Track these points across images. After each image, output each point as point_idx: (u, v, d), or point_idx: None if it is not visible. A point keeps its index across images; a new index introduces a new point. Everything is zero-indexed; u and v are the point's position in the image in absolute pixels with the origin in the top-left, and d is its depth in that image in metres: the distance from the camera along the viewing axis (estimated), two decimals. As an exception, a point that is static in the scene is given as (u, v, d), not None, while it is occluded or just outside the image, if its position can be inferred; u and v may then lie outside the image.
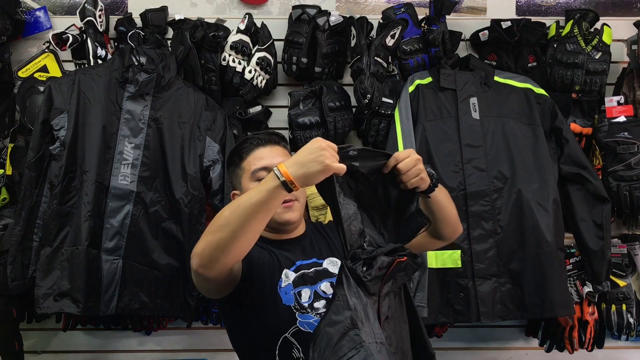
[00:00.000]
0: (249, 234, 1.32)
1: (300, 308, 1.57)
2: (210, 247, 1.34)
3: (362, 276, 1.28)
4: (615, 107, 2.48)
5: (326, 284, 1.61)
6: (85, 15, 2.41)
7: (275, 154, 1.67)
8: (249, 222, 1.30)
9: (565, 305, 2.27)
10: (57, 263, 2.19)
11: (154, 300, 2.26)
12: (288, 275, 1.61)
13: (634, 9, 2.75)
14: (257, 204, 1.30)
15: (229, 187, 2.31)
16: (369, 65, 2.34)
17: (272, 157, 1.65)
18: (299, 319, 1.56)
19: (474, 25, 2.63)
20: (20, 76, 2.47)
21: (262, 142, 1.69)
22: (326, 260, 1.66)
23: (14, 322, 2.36)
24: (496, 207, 2.28)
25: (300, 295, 1.59)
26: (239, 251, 1.36)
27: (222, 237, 1.32)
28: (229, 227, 1.31)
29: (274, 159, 1.63)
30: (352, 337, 1.25)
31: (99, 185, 2.22)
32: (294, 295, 1.57)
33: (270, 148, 1.69)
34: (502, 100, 2.39)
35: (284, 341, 1.55)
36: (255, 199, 1.30)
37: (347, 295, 1.28)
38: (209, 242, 1.34)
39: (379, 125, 2.45)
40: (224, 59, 2.42)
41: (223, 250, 1.33)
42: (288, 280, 1.60)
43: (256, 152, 1.68)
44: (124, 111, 2.29)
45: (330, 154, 1.28)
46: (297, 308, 1.57)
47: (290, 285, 1.59)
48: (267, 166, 1.62)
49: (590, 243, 2.35)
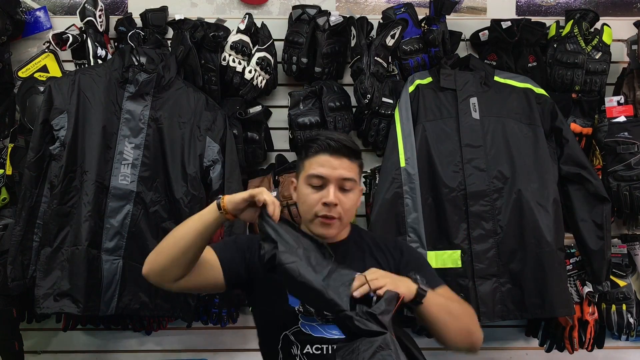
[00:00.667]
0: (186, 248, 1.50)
1: (305, 311, 1.58)
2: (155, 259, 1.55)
3: (372, 311, 1.26)
4: (615, 107, 2.48)
5: None
6: (85, 15, 2.41)
7: (339, 165, 1.61)
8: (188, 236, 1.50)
9: (565, 305, 2.27)
10: (57, 263, 2.19)
11: (154, 300, 2.26)
12: None
13: (634, 9, 2.75)
14: (195, 222, 1.50)
15: (229, 187, 2.32)
16: (369, 65, 2.34)
17: (334, 168, 1.60)
18: (301, 320, 1.58)
19: (474, 25, 2.63)
20: (20, 76, 2.47)
21: (329, 150, 1.61)
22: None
23: (14, 322, 2.36)
24: (496, 207, 2.28)
25: None
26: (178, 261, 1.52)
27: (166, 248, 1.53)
28: (171, 239, 1.53)
29: (335, 170, 1.59)
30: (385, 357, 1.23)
31: (99, 185, 2.22)
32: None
33: (335, 158, 1.61)
34: (502, 100, 2.38)
35: (284, 337, 1.58)
36: (196, 218, 1.51)
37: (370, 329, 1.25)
38: (155, 254, 1.56)
39: (379, 125, 2.45)
40: (224, 59, 2.42)
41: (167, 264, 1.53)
42: None
43: (320, 157, 1.62)
44: (124, 111, 2.29)
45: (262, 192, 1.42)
46: (302, 310, 1.58)
47: None
48: (323, 175, 1.59)
49: (590, 243, 2.35)
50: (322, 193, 1.59)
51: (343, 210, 1.60)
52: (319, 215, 1.60)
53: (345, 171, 1.61)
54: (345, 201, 1.61)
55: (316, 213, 1.60)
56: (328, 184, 1.59)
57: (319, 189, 1.60)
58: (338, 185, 1.60)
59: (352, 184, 1.62)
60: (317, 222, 1.61)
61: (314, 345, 1.57)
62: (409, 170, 2.28)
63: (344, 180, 1.60)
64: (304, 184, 1.63)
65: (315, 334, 1.57)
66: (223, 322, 2.48)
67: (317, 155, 1.62)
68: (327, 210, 1.59)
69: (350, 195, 1.63)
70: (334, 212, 1.59)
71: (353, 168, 1.64)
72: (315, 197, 1.60)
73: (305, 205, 1.63)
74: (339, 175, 1.60)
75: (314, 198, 1.60)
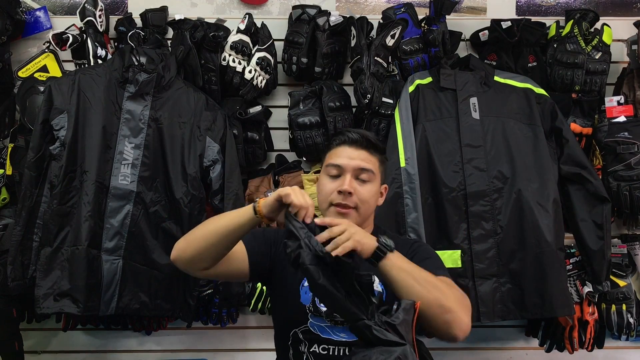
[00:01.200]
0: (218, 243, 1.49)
1: (315, 310, 1.58)
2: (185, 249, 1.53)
3: (391, 321, 1.23)
4: (615, 107, 2.48)
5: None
6: (85, 15, 2.41)
7: (356, 156, 1.62)
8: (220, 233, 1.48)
9: (565, 305, 2.27)
10: (57, 263, 2.19)
11: (154, 300, 2.27)
12: None
13: (634, 9, 2.75)
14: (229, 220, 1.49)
15: (228, 187, 2.32)
16: (369, 65, 2.34)
17: (351, 158, 1.61)
18: (311, 319, 1.58)
19: (474, 25, 2.63)
20: (20, 76, 2.47)
21: (348, 141, 1.64)
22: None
23: (14, 322, 2.36)
24: (496, 207, 2.28)
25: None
26: (209, 253, 1.51)
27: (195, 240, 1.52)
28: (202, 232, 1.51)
29: (352, 160, 1.61)
30: None
31: (99, 185, 2.22)
32: (312, 296, 1.58)
33: (354, 149, 1.63)
34: (502, 100, 2.39)
35: (294, 334, 1.59)
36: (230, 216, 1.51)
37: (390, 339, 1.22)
38: (185, 244, 1.54)
39: (379, 125, 2.45)
40: (224, 59, 2.42)
41: (197, 255, 1.51)
42: None
43: (339, 149, 1.65)
44: (124, 111, 2.29)
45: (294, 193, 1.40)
46: (312, 309, 1.58)
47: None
48: (341, 165, 1.61)
49: (590, 243, 2.35)
50: (338, 182, 1.60)
51: (359, 200, 1.59)
52: (334, 203, 1.60)
53: (363, 162, 1.61)
54: (361, 191, 1.60)
55: (331, 201, 1.60)
56: (345, 173, 1.60)
57: (335, 178, 1.62)
58: (354, 175, 1.61)
59: (369, 175, 1.62)
60: (332, 211, 1.60)
61: (320, 345, 1.57)
62: (409, 170, 2.28)
63: (360, 170, 1.61)
64: (324, 174, 1.66)
65: (323, 334, 1.57)
66: (223, 322, 2.48)
67: (338, 147, 1.65)
68: (342, 198, 1.58)
69: (368, 187, 1.62)
70: (349, 201, 1.58)
71: (372, 160, 1.64)
72: (331, 186, 1.61)
73: (322, 194, 1.64)
74: (356, 165, 1.61)
75: (330, 187, 1.61)
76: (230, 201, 2.31)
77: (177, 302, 2.30)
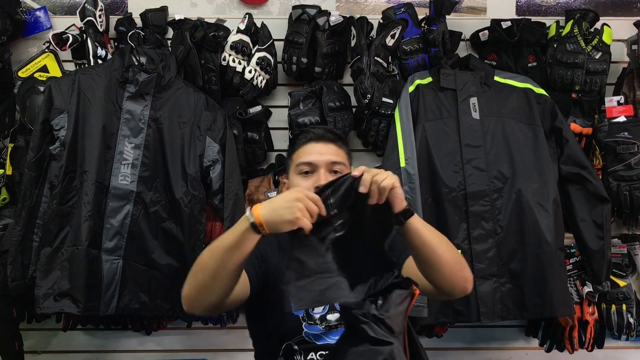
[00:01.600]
0: (226, 276, 1.32)
1: (309, 319, 1.55)
2: (193, 291, 1.36)
3: (379, 314, 1.18)
4: (615, 107, 2.48)
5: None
6: (85, 15, 2.41)
7: (326, 151, 1.60)
8: (225, 264, 1.30)
9: (565, 305, 2.27)
10: (57, 263, 2.19)
11: (154, 300, 2.26)
12: None
13: (634, 9, 2.75)
14: (230, 247, 1.29)
15: (228, 187, 2.32)
16: (369, 65, 2.34)
17: (321, 153, 1.59)
18: (305, 329, 1.55)
19: (474, 25, 2.63)
20: (20, 76, 2.47)
21: (315, 137, 1.62)
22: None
23: (14, 322, 2.36)
24: (496, 207, 2.28)
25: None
26: (221, 291, 1.35)
27: (203, 280, 1.33)
28: (208, 270, 1.32)
29: (322, 156, 1.58)
30: None
31: (99, 185, 2.22)
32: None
33: (322, 145, 1.61)
34: (502, 100, 2.39)
35: (287, 347, 1.55)
36: (229, 241, 1.30)
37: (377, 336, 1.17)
38: (192, 286, 1.36)
39: (379, 125, 2.45)
40: (224, 59, 2.42)
41: (205, 293, 1.34)
42: None
43: (307, 146, 1.62)
44: (124, 111, 2.29)
45: (305, 206, 1.24)
46: (306, 319, 1.55)
47: None
48: (312, 162, 1.57)
49: (590, 243, 2.35)
50: (313, 178, 1.56)
51: None
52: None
53: (333, 155, 1.59)
54: None
55: None
56: (318, 169, 1.57)
57: (310, 175, 1.58)
58: (328, 169, 1.57)
59: (341, 167, 1.59)
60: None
61: (318, 352, 1.54)
62: (409, 170, 2.28)
63: (333, 163, 1.58)
64: (294, 175, 1.61)
65: (319, 342, 1.55)
66: (223, 322, 2.48)
67: (305, 145, 1.62)
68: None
69: None
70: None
71: (341, 153, 1.62)
72: (306, 184, 1.55)
73: None
74: (328, 160, 1.58)
75: (305, 185, 1.55)
76: (230, 201, 2.31)
77: (177, 302, 2.27)
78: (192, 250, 2.27)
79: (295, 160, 1.62)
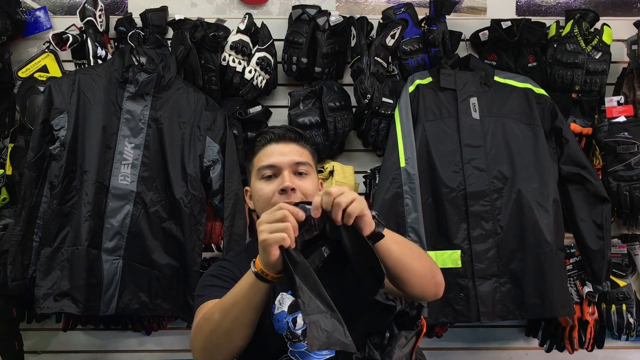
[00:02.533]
0: (243, 331, 1.28)
1: (293, 337, 1.47)
2: (210, 352, 1.31)
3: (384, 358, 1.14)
4: (615, 107, 2.48)
5: None
6: (85, 15, 2.41)
7: (288, 151, 1.51)
8: (241, 321, 1.26)
9: (565, 305, 2.27)
10: (57, 263, 2.19)
11: (154, 300, 2.26)
12: (283, 300, 1.49)
13: (634, 9, 2.75)
14: (242, 303, 1.24)
15: (229, 187, 2.32)
16: (369, 65, 2.34)
17: (283, 154, 1.49)
18: (290, 348, 1.48)
19: (474, 25, 2.63)
20: (20, 76, 2.47)
21: (275, 138, 1.52)
22: None
23: (14, 322, 2.36)
24: (496, 207, 2.28)
25: (295, 321, 1.47)
26: (239, 346, 1.31)
27: (218, 340, 1.28)
28: (222, 330, 1.27)
29: (285, 157, 1.49)
30: None
31: (99, 185, 2.22)
32: (286, 323, 1.46)
33: (283, 145, 1.52)
34: (502, 100, 2.39)
35: None
36: (240, 297, 1.25)
37: None
38: (207, 349, 1.30)
39: (379, 125, 2.45)
40: (224, 59, 2.42)
41: (223, 352, 1.30)
42: (282, 307, 1.48)
43: (267, 148, 1.52)
44: (124, 111, 2.29)
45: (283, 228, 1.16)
46: (289, 337, 1.46)
47: (283, 313, 1.47)
48: (274, 164, 1.48)
49: (590, 243, 2.35)
50: (276, 182, 1.47)
51: (304, 195, 1.45)
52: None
53: (296, 156, 1.50)
54: (303, 185, 1.47)
55: (274, 204, 1.33)
56: (281, 172, 1.47)
57: (273, 178, 1.48)
58: (292, 171, 1.48)
59: (307, 168, 1.50)
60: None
61: None
62: (409, 170, 2.28)
63: (297, 164, 1.49)
64: (257, 180, 1.51)
65: (304, 359, 1.47)
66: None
67: (265, 147, 1.53)
68: (285, 197, 1.43)
69: (308, 180, 1.50)
70: (294, 198, 1.43)
71: (305, 153, 1.54)
72: (270, 188, 1.47)
73: (262, 200, 1.48)
74: (291, 160, 1.49)
75: (269, 189, 1.47)
76: (230, 201, 2.31)
77: (177, 302, 2.30)
78: (192, 250, 2.27)
79: (256, 164, 1.52)
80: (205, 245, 2.38)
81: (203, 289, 1.49)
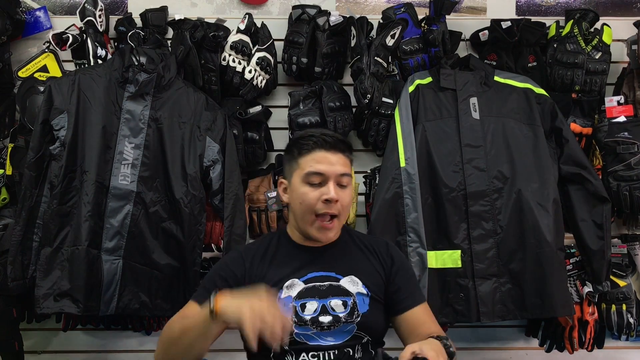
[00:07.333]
0: (198, 350, 1.46)
1: (299, 321, 1.54)
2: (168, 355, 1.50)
3: None
4: (615, 107, 2.48)
5: (337, 302, 1.56)
6: (85, 15, 2.42)
7: (336, 161, 1.58)
8: (195, 345, 1.44)
9: (565, 305, 2.27)
10: (57, 263, 2.19)
11: (154, 300, 2.27)
12: (293, 286, 1.57)
13: (634, 9, 2.75)
14: (197, 331, 1.42)
15: (228, 187, 2.32)
16: (369, 65, 2.34)
17: (331, 164, 1.57)
18: (296, 330, 1.54)
19: (474, 25, 2.63)
20: (20, 76, 2.48)
21: (325, 145, 1.58)
22: (345, 278, 1.61)
23: (14, 322, 2.36)
24: (496, 207, 2.28)
25: (304, 307, 1.55)
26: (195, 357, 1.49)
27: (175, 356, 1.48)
28: (179, 346, 1.45)
29: (333, 167, 1.56)
30: None
31: (99, 185, 2.22)
32: (293, 307, 1.54)
33: (332, 154, 1.59)
34: (502, 100, 2.39)
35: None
36: (195, 325, 1.42)
37: None
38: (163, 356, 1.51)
39: (379, 125, 2.45)
40: (224, 59, 2.42)
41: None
42: (289, 292, 1.56)
43: (317, 154, 1.58)
44: (124, 111, 2.29)
45: (269, 328, 1.28)
46: (295, 320, 1.54)
47: (289, 297, 1.56)
48: (323, 172, 1.56)
49: (590, 243, 2.35)
50: (321, 190, 1.56)
51: (342, 206, 1.58)
52: (319, 213, 1.57)
53: (342, 167, 1.59)
54: (343, 197, 1.59)
55: (316, 211, 1.56)
56: (328, 181, 1.57)
57: (317, 186, 1.57)
58: (337, 182, 1.58)
59: (348, 180, 1.60)
60: (317, 227, 1.58)
61: (309, 353, 1.53)
62: (409, 170, 2.28)
63: (341, 176, 1.58)
64: (301, 182, 1.59)
65: (310, 342, 1.54)
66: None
67: (313, 152, 1.59)
68: (327, 207, 1.55)
69: (347, 192, 1.61)
70: (334, 209, 1.56)
71: (347, 163, 1.63)
72: (315, 195, 1.56)
73: (305, 204, 1.58)
74: (337, 171, 1.58)
75: (314, 196, 1.56)
76: (230, 201, 2.31)
77: (177, 302, 2.29)
78: (192, 250, 2.27)
79: (303, 166, 1.59)
80: (205, 245, 2.38)
81: (201, 285, 1.65)
